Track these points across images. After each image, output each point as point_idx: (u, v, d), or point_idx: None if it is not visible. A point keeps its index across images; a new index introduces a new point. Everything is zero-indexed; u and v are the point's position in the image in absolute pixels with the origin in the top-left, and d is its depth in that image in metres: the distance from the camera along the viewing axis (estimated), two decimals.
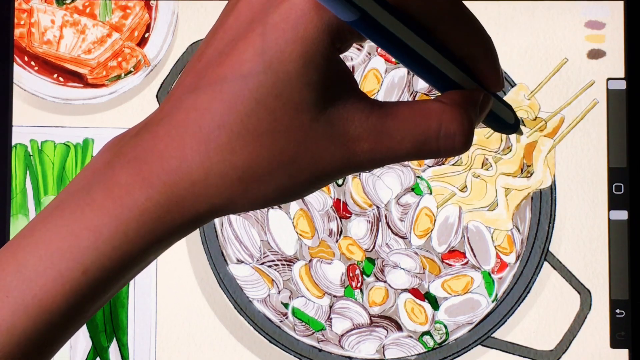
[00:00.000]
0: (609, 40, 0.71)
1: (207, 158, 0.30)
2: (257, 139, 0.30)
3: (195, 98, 0.30)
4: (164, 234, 0.31)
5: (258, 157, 0.30)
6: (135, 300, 0.71)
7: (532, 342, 0.70)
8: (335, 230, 0.71)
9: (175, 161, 0.30)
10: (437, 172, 0.71)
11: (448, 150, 0.32)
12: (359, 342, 0.71)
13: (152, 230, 0.31)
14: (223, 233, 0.71)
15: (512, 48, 0.72)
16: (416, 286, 0.71)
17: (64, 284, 0.30)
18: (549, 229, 0.71)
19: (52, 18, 0.72)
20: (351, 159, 0.31)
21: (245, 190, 0.31)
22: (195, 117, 0.30)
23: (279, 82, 0.29)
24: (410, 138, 0.31)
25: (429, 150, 0.32)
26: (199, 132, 0.30)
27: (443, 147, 0.32)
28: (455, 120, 0.31)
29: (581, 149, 0.71)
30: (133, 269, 0.32)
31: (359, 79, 0.72)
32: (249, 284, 0.71)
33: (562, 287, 0.70)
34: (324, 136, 0.30)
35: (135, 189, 0.30)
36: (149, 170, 0.30)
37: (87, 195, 0.31)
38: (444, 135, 0.31)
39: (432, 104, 0.32)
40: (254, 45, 0.29)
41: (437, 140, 0.32)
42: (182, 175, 0.30)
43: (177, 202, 0.30)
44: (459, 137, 0.32)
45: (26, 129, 0.72)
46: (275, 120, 0.30)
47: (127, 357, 0.70)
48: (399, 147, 0.31)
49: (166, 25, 0.73)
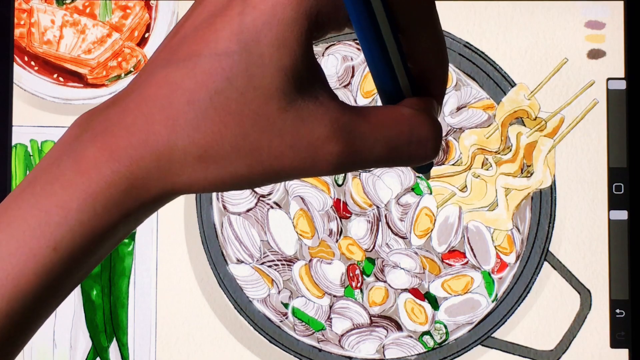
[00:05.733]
0: (609, 40, 0.71)
1: (173, 133, 0.30)
2: (222, 119, 0.29)
3: (167, 73, 0.30)
4: (131, 208, 0.31)
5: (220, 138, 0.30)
6: (135, 300, 0.71)
7: (532, 342, 0.70)
8: (335, 230, 0.71)
9: (143, 135, 0.30)
10: (437, 172, 0.71)
11: (419, 157, 0.31)
12: (359, 342, 0.71)
13: (119, 204, 0.30)
14: (223, 233, 0.71)
15: (512, 48, 0.72)
16: (416, 286, 0.71)
17: (36, 262, 0.30)
18: (549, 229, 0.71)
19: (52, 18, 0.72)
20: (316, 161, 0.30)
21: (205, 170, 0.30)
22: (165, 91, 0.30)
23: (252, 64, 0.29)
24: (383, 142, 0.31)
25: (400, 156, 0.31)
26: (169, 107, 0.30)
27: (414, 153, 0.31)
28: (425, 125, 0.31)
29: (581, 149, 0.71)
30: (104, 244, 0.31)
31: (358, 79, 0.72)
32: (249, 284, 0.71)
33: (562, 287, 0.70)
34: (291, 132, 0.30)
35: (103, 163, 0.30)
36: (116, 144, 0.30)
37: (57, 171, 0.31)
38: (415, 140, 0.31)
39: (403, 109, 0.31)
40: (231, 24, 0.29)
41: (409, 146, 0.31)
42: (149, 149, 0.30)
43: (143, 177, 0.30)
44: (431, 142, 0.31)
45: (26, 129, 0.72)
46: (243, 103, 0.29)
47: (127, 357, 0.70)
48: (370, 152, 0.30)
49: (166, 25, 0.73)
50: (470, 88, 0.72)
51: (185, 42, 0.30)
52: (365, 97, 0.72)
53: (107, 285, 0.71)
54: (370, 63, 0.32)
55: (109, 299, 0.71)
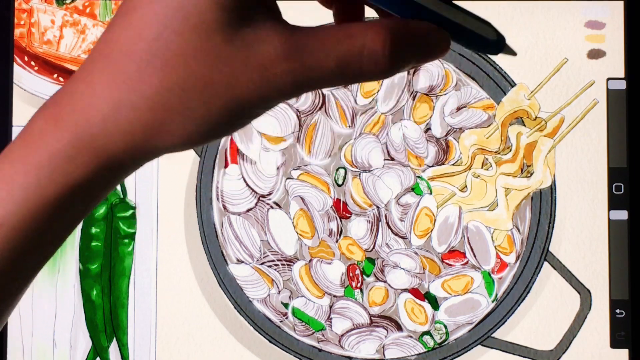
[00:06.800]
0: (609, 40, 0.71)
1: (116, 90, 0.29)
2: (166, 65, 0.29)
3: (108, 33, 0.30)
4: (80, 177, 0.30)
5: (168, 84, 0.29)
6: (135, 300, 0.70)
7: (532, 342, 0.70)
8: (335, 230, 0.71)
9: (86, 98, 0.29)
10: (437, 172, 0.71)
11: (372, 72, 0.31)
12: (359, 342, 0.71)
13: (65, 173, 0.29)
14: (223, 233, 0.71)
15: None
16: (416, 286, 0.71)
17: None
18: (549, 229, 0.71)
19: (52, 18, 0.72)
20: (271, 81, 0.29)
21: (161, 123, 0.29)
22: (106, 51, 0.29)
23: (187, 2, 0.28)
24: (334, 57, 0.30)
25: (352, 70, 0.30)
26: (108, 65, 0.29)
27: (366, 68, 0.30)
28: (379, 41, 0.30)
29: (581, 149, 0.71)
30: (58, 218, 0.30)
31: None
32: (249, 284, 0.71)
33: (562, 287, 0.70)
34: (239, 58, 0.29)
35: (48, 133, 0.29)
36: (60, 112, 0.30)
37: (7, 150, 0.30)
38: (367, 54, 0.30)
39: (358, 25, 0.31)
40: None
41: (360, 60, 0.30)
42: (93, 112, 0.29)
43: (89, 141, 0.29)
44: (382, 58, 0.30)
45: None
46: (184, 43, 0.28)
47: (127, 357, 0.70)
48: (321, 66, 0.30)
49: None
50: (470, 88, 0.72)
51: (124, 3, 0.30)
52: (365, 97, 0.72)
53: (107, 285, 0.71)
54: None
55: (109, 299, 0.71)
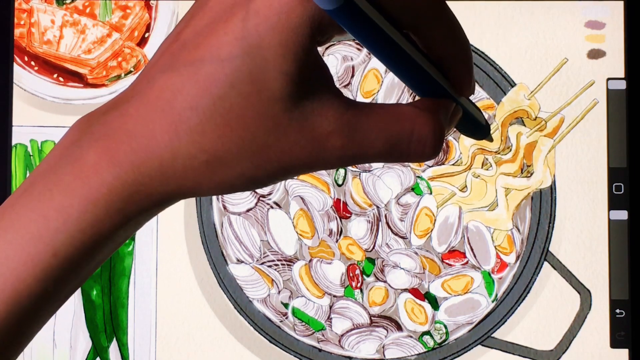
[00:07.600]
0: (609, 40, 0.71)
1: (176, 139, 0.30)
2: (227, 124, 0.30)
3: (169, 78, 0.30)
4: (132, 213, 0.31)
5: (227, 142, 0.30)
6: (135, 300, 0.70)
7: (532, 342, 0.70)
8: (335, 230, 0.71)
9: (144, 140, 0.30)
10: (437, 172, 0.71)
11: (418, 155, 0.32)
12: (359, 342, 0.71)
13: (120, 209, 0.30)
14: (223, 233, 0.71)
15: (512, 48, 0.72)
16: (416, 286, 0.71)
17: (34, 267, 0.30)
18: (549, 229, 0.71)
19: (52, 18, 0.72)
20: (320, 154, 0.31)
21: (212, 174, 0.30)
22: (167, 97, 0.30)
23: (256, 69, 0.29)
24: (383, 138, 0.31)
25: (399, 152, 0.32)
26: (170, 112, 0.30)
27: (414, 151, 0.32)
28: (427, 126, 0.32)
29: (581, 149, 0.71)
30: (104, 249, 0.31)
31: (359, 79, 0.72)
32: (249, 284, 0.71)
33: (562, 287, 0.70)
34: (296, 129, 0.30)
35: (103, 168, 0.30)
36: (117, 149, 0.30)
37: (55, 176, 0.30)
38: (416, 139, 0.32)
39: (407, 107, 0.32)
40: (234, 30, 0.29)
41: (409, 144, 0.32)
42: (150, 155, 0.30)
43: (145, 182, 0.30)
44: (430, 142, 0.32)
45: (26, 129, 0.72)
46: (247, 107, 0.29)
47: (127, 357, 0.70)
48: (371, 146, 0.31)
49: (166, 25, 0.73)
50: None
51: (186, 48, 0.30)
52: (365, 97, 0.72)
53: (107, 285, 0.71)
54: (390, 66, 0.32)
55: (109, 299, 0.71)
